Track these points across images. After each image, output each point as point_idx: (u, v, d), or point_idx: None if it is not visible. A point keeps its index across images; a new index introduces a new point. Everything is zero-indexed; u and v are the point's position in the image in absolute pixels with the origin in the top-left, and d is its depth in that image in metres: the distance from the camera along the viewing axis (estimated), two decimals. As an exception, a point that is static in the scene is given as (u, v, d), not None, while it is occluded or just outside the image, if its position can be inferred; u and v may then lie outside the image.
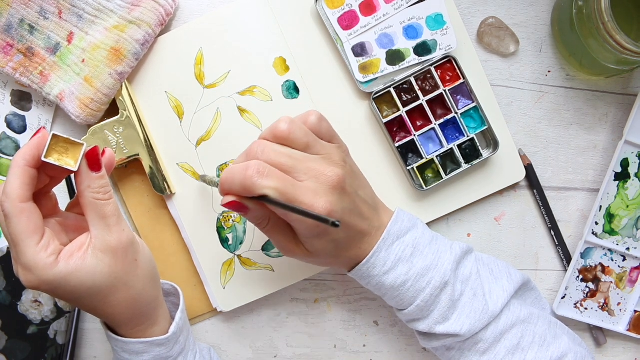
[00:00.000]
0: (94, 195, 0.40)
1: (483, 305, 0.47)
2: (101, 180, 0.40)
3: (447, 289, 0.46)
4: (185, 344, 0.47)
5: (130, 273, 0.42)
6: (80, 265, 0.39)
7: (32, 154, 0.39)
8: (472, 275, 0.48)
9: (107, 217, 0.40)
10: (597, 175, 0.58)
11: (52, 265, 0.38)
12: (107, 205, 0.40)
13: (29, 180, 0.39)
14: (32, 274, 0.39)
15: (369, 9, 0.54)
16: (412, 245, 0.47)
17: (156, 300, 0.45)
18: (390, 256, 0.46)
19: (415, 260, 0.46)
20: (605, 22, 0.47)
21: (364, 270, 0.47)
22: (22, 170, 0.39)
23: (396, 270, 0.46)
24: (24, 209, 0.38)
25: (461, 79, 0.54)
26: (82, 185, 0.40)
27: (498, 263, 0.52)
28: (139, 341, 0.44)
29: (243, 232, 0.56)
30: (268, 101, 0.55)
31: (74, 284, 0.39)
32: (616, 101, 0.58)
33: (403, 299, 0.47)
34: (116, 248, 0.40)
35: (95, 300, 0.41)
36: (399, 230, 0.47)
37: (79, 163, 0.39)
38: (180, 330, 0.46)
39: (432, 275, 0.46)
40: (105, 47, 0.52)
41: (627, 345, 0.59)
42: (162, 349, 0.45)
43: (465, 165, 0.54)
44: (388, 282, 0.46)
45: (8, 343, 0.55)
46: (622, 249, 0.57)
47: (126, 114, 0.54)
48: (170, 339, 0.45)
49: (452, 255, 0.47)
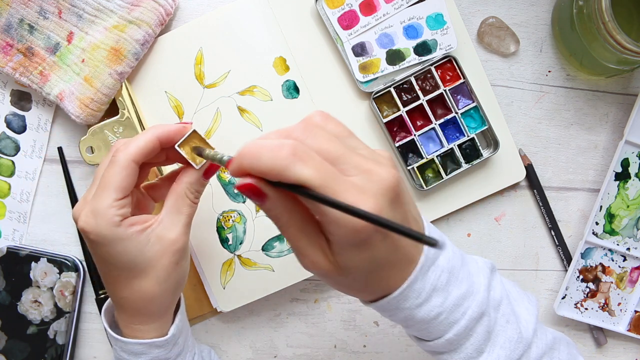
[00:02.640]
0: (188, 192, 0.42)
1: (517, 333, 0.40)
2: (202, 187, 0.43)
3: (484, 320, 0.39)
4: (184, 345, 0.47)
5: (166, 272, 0.42)
6: (133, 237, 0.41)
7: (169, 134, 0.42)
8: (503, 299, 0.41)
9: (182, 214, 0.42)
10: (597, 175, 0.58)
11: (115, 224, 0.40)
12: (190, 206, 0.43)
13: (151, 150, 0.42)
14: (95, 219, 0.40)
15: (369, 8, 0.54)
16: (447, 271, 0.38)
17: (168, 308, 0.45)
18: (426, 285, 0.37)
19: (451, 289, 0.38)
20: (605, 22, 0.47)
21: (393, 303, 0.37)
22: (151, 139, 0.42)
23: (430, 302, 0.38)
24: (130, 166, 0.41)
25: (461, 79, 0.54)
26: (186, 178, 0.43)
27: (511, 282, 0.45)
28: (138, 342, 0.44)
29: (243, 232, 0.56)
30: (268, 101, 0.55)
31: (119, 249, 0.41)
32: (616, 101, 0.58)
33: (432, 331, 0.39)
34: (171, 243, 0.42)
35: (122, 276, 0.42)
36: (433, 253, 0.38)
37: (202, 165, 0.42)
38: (180, 332, 0.46)
39: (468, 305, 0.38)
40: (105, 47, 0.52)
41: (628, 346, 0.59)
42: (161, 350, 0.45)
43: (466, 165, 0.54)
44: (419, 315, 0.38)
45: (8, 343, 0.55)
46: (622, 249, 0.57)
47: (126, 114, 0.53)
48: (169, 340, 0.45)
49: (484, 277, 0.40)
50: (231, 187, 0.55)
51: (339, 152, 0.33)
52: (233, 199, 0.55)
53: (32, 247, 0.56)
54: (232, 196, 0.55)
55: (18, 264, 0.54)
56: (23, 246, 0.55)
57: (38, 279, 0.54)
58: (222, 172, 0.55)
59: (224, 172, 0.55)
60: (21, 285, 0.54)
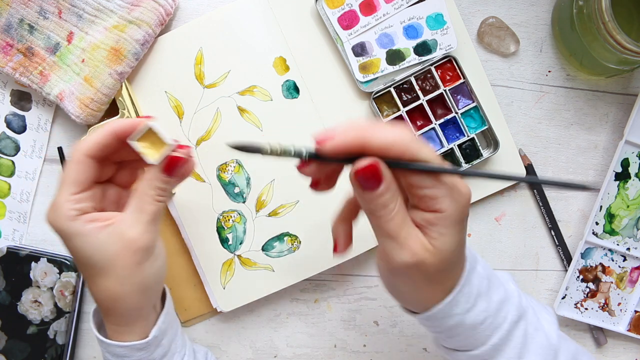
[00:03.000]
0: (148, 189, 0.41)
1: (546, 339, 0.42)
2: (163, 184, 0.42)
3: (521, 324, 0.41)
4: (169, 346, 0.46)
5: (127, 271, 0.41)
6: (92, 233, 0.40)
7: (125, 129, 0.41)
8: (529, 307, 0.42)
9: (144, 213, 0.41)
10: (597, 175, 0.58)
11: (70, 218, 0.40)
12: (152, 204, 0.42)
13: (106, 145, 0.41)
14: (53, 213, 0.41)
15: (369, 8, 0.54)
16: (486, 277, 0.40)
17: (139, 311, 0.44)
18: (473, 290, 0.39)
19: (492, 294, 0.40)
20: (605, 22, 0.47)
21: (446, 309, 0.38)
22: (105, 134, 0.41)
23: (477, 307, 0.39)
24: (83, 161, 0.41)
25: (461, 79, 0.54)
26: (146, 174, 0.42)
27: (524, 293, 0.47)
28: (119, 345, 0.43)
29: (243, 232, 0.56)
30: (268, 101, 0.55)
31: (77, 244, 0.41)
32: (616, 101, 0.58)
33: (478, 337, 0.40)
34: (130, 242, 0.41)
35: (87, 273, 0.42)
36: (472, 259, 0.40)
37: (157, 160, 0.41)
38: (163, 334, 0.45)
39: (508, 309, 0.40)
40: (105, 47, 0.52)
41: (628, 346, 0.59)
42: (143, 353, 0.44)
43: (466, 165, 0.54)
44: (469, 320, 0.39)
45: (8, 343, 0.55)
46: (622, 249, 0.57)
47: (126, 113, 0.53)
48: (151, 342, 0.44)
49: (514, 284, 0.43)
50: (231, 187, 0.55)
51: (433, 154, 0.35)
52: (233, 199, 0.55)
53: (32, 247, 0.56)
54: (232, 196, 0.55)
55: (18, 264, 0.54)
56: (23, 246, 0.55)
57: (38, 279, 0.54)
58: (222, 173, 0.55)
59: (223, 172, 0.55)
60: (21, 285, 0.54)
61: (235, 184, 0.55)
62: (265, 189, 0.55)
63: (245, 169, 0.55)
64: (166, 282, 0.57)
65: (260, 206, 0.55)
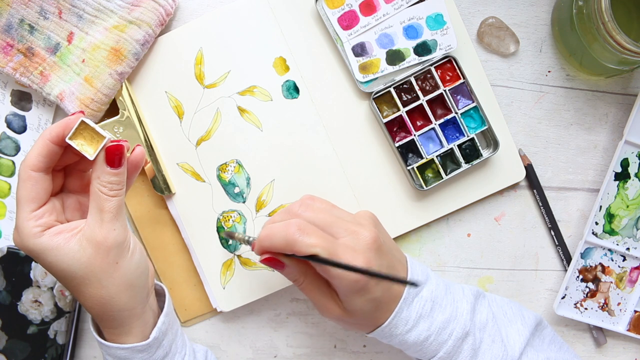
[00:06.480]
0: (100, 187, 0.41)
1: (502, 351, 0.47)
2: (112, 176, 0.41)
3: (469, 339, 0.46)
4: (170, 347, 0.46)
5: (106, 273, 0.41)
6: (61, 245, 0.40)
7: (58, 132, 0.41)
8: (489, 321, 0.48)
9: (104, 212, 0.41)
10: (597, 175, 0.58)
11: (36, 235, 0.40)
12: (108, 200, 0.41)
13: (47, 154, 0.41)
14: (18, 236, 0.41)
15: (369, 8, 0.54)
16: (430, 300, 0.46)
17: (131, 310, 0.43)
18: (412, 314, 0.45)
19: (435, 315, 0.46)
20: (605, 22, 0.47)
21: (386, 331, 0.46)
22: (42, 143, 0.41)
23: (418, 327, 0.46)
24: (32, 176, 0.41)
25: (461, 79, 0.54)
26: (93, 174, 0.41)
27: (511, 305, 0.52)
28: (121, 347, 0.43)
29: (243, 232, 0.56)
30: (268, 101, 0.55)
31: (50, 259, 0.40)
32: (616, 101, 0.58)
33: (426, 352, 0.47)
34: (100, 243, 0.41)
35: (70, 285, 0.42)
36: (424, 279, 0.47)
37: (96, 154, 0.41)
38: (164, 335, 0.46)
39: (453, 327, 0.46)
40: (105, 47, 0.52)
41: (627, 346, 0.59)
42: (144, 354, 0.44)
43: (465, 165, 0.54)
44: (411, 339, 0.46)
45: (8, 343, 0.55)
46: (622, 249, 0.57)
47: (126, 114, 0.54)
48: (152, 344, 0.44)
49: (467, 303, 0.48)
50: (231, 187, 0.55)
51: (330, 220, 0.44)
52: (233, 199, 0.55)
53: (33, 247, 0.56)
54: (232, 196, 0.55)
55: (18, 264, 0.54)
56: (23, 246, 0.55)
57: (38, 279, 0.54)
58: (222, 173, 0.55)
59: (223, 172, 0.55)
60: (21, 285, 0.54)
61: (235, 184, 0.55)
62: (266, 189, 0.55)
63: (245, 169, 0.55)
64: (166, 282, 0.57)
65: (260, 206, 0.55)
